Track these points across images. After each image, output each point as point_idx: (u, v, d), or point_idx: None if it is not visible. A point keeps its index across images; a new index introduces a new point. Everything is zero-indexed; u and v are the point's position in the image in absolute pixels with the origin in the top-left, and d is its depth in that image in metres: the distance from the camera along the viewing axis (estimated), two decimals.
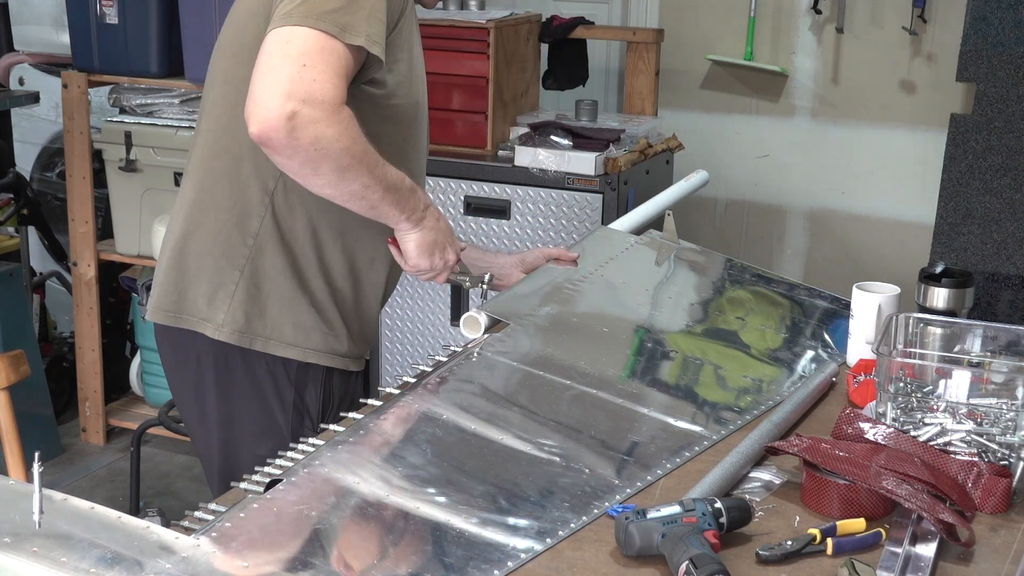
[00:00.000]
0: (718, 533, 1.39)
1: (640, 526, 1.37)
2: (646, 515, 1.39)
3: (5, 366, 2.08)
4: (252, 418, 1.89)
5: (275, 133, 1.56)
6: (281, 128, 1.56)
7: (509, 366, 1.88)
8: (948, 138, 3.77)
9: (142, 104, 3.75)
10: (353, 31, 1.62)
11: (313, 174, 1.63)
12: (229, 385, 1.88)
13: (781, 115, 4.29)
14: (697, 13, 4.30)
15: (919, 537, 1.45)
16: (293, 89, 1.56)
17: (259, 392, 1.88)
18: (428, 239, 1.83)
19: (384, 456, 1.56)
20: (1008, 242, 3.69)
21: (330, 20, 1.60)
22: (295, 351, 1.86)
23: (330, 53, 1.59)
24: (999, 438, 1.62)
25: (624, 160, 3.38)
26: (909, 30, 3.98)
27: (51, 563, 1.16)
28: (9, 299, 3.72)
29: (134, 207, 3.78)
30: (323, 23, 1.60)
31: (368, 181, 1.67)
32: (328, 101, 1.58)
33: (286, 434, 1.86)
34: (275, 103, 1.56)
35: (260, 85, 1.58)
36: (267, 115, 1.56)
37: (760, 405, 1.86)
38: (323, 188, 1.67)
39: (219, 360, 1.87)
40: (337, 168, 1.62)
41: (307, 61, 1.57)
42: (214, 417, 1.91)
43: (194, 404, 1.95)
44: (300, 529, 1.37)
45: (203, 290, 1.85)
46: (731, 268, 2.50)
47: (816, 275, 4.25)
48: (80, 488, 3.66)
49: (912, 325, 1.88)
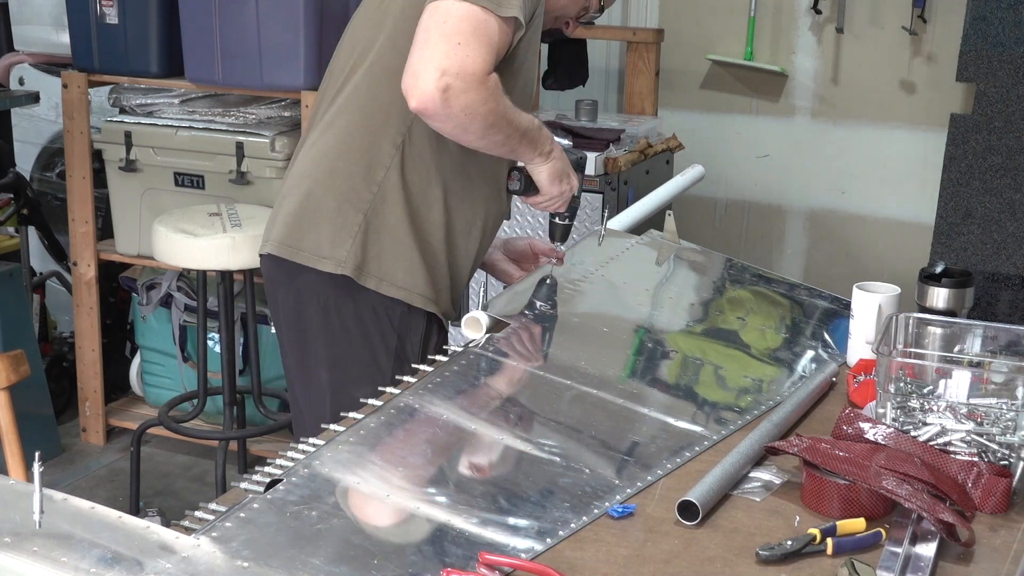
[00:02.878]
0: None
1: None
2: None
3: (5, 366, 2.08)
4: (357, 360, 2.03)
5: (431, 104, 1.77)
6: (437, 99, 1.77)
7: (509, 366, 1.88)
8: (948, 138, 3.77)
9: (142, 104, 3.75)
10: (508, 5, 1.81)
11: (464, 133, 1.85)
12: (338, 326, 2.02)
13: (781, 115, 4.30)
14: (697, 13, 4.30)
15: (919, 537, 1.45)
16: (448, 65, 1.76)
17: (365, 334, 2.02)
18: (558, 168, 2.03)
19: (384, 456, 1.56)
20: (1008, 242, 3.69)
21: None
22: (403, 293, 2.01)
23: (484, 28, 1.79)
24: (999, 438, 1.62)
25: (624, 160, 3.38)
26: (909, 30, 3.98)
27: (51, 563, 1.16)
28: (9, 299, 3.72)
29: (134, 207, 3.78)
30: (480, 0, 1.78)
31: (509, 131, 1.89)
32: (477, 73, 1.78)
33: (388, 379, 1.93)
34: (431, 77, 1.76)
35: (418, 60, 1.78)
36: (425, 88, 1.76)
37: (760, 405, 1.86)
38: (471, 142, 1.89)
39: (331, 300, 2.01)
40: (484, 127, 1.84)
41: (461, 39, 1.77)
42: (319, 358, 2.04)
43: (297, 344, 2.07)
44: (300, 529, 1.37)
45: (326, 231, 2.00)
46: (731, 268, 2.50)
47: (816, 275, 4.25)
48: (80, 488, 3.65)
49: (912, 325, 1.88)
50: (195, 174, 3.67)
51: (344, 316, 2.02)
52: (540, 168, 2.01)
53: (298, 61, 3.33)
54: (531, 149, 1.97)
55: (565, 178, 2.04)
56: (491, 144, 1.90)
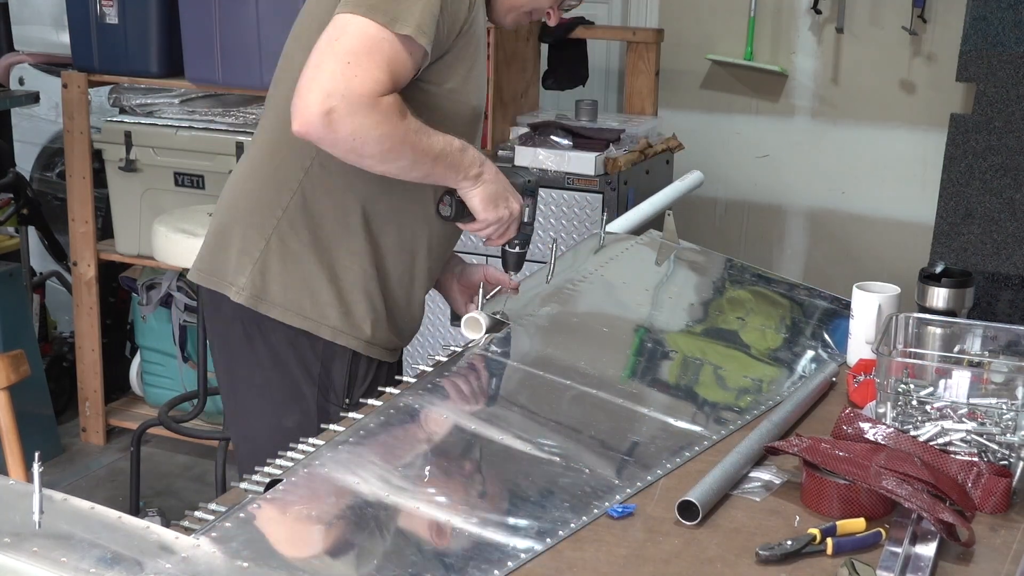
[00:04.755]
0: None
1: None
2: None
3: (5, 366, 2.08)
4: (280, 387, 1.94)
5: (314, 127, 1.65)
6: (319, 123, 1.64)
7: (509, 366, 1.88)
8: (948, 138, 3.77)
9: (142, 104, 3.75)
10: (403, 22, 1.67)
11: (359, 158, 1.72)
12: (262, 352, 1.93)
13: (781, 115, 4.29)
14: (697, 13, 4.30)
15: (919, 537, 1.45)
16: (333, 87, 1.64)
17: (283, 362, 1.92)
18: (490, 191, 1.86)
19: (384, 456, 1.56)
20: (1008, 242, 3.69)
21: (381, 10, 1.67)
22: (310, 324, 1.89)
23: (379, 46, 1.66)
24: (999, 438, 1.62)
25: (624, 160, 3.38)
26: (909, 30, 3.98)
27: (51, 563, 1.16)
28: (9, 299, 3.72)
29: (134, 207, 3.78)
30: (374, 13, 1.66)
31: (414, 156, 1.74)
32: (366, 94, 1.65)
33: (312, 408, 1.90)
34: (315, 99, 1.64)
35: (305, 82, 1.67)
36: (306, 111, 1.65)
37: (760, 405, 1.86)
38: (373, 167, 1.75)
39: (245, 325, 1.92)
40: (379, 152, 1.70)
41: (351, 58, 1.65)
42: (241, 382, 1.98)
43: (226, 370, 2.02)
44: (300, 529, 1.37)
45: (232, 254, 1.91)
46: (731, 268, 2.50)
47: (816, 275, 4.25)
48: (80, 488, 3.65)
49: (912, 325, 1.88)
50: (195, 174, 3.67)
51: (264, 344, 1.92)
52: (471, 193, 1.84)
53: None
54: (453, 173, 1.80)
55: (503, 202, 1.86)
56: (397, 169, 1.75)
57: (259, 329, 1.91)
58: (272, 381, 1.94)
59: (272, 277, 1.88)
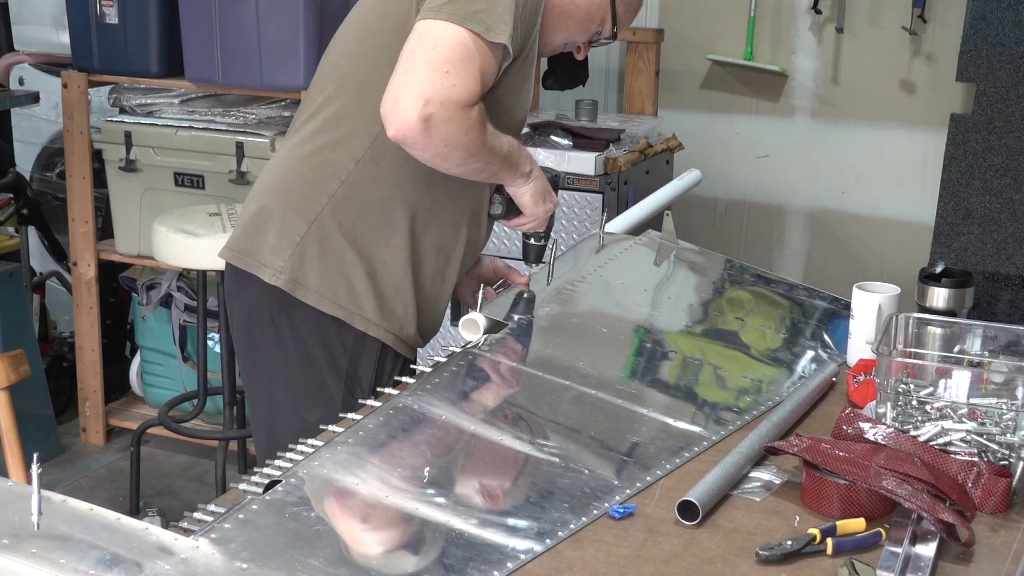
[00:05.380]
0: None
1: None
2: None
3: (5, 366, 2.08)
4: (304, 381, 1.94)
5: (411, 133, 1.69)
6: (418, 129, 1.68)
7: (508, 367, 1.88)
8: (948, 138, 3.77)
9: (142, 104, 3.75)
10: (498, 31, 1.72)
11: (443, 162, 1.77)
12: (289, 342, 1.92)
13: (781, 115, 4.29)
14: (697, 13, 4.30)
15: (919, 537, 1.45)
16: (433, 94, 1.67)
17: (309, 353, 1.92)
18: (539, 187, 1.95)
19: (384, 456, 1.56)
20: (1008, 242, 3.69)
21: (477, 20, 1.70)
22: (344, 312, 1.90)
23: (473, 55, 1.71)
24: (999, 438, 1.62)
25: (624, 160, 3.38)
26: (909, 30, 3.98)
27: (50, 565, 1.16)
28: (9, 299, 3.72)
29: (134, 207, 3.78)
30: (471, 23, 1.70)
31: (489, 159, 1.81)
32: (462, 103, 1.70)
33: (337, 402, 1.89)
34: (414, 105, 1.67)
35: (400, 85, 1.69)
36: (406, 116, 1.67)
37: (760, 405, 1.86)
38: (450, 170, 1.81)
39: (273, 311, 1.92)
40: (464, 156, 1.76)
41: (450, 68, 1.69)
42: (270, 374, 1.97)
43: (249, 359, 2.01)
44: (299, 530, 1.37)
45: (271, 237, 1.91)
46: (731, 268, 2.50)
47: (816, 275, 4.25)
48: (80, 488, 3.66)
49: (912, 325, 1.87)
50: (195, 174, 3.67)
51: (292, 332, 1.92)
52: (522, 189, 1.93)
53: (298, 61, 3.33)
54: (512, 172, 1.89)
55: (548, 196, 1.97)
56: (470, 171, 1.82)
57: (287, 316, 1.91)
58: (297, 373, 1.94)
59: (310, 263, 1.89)
